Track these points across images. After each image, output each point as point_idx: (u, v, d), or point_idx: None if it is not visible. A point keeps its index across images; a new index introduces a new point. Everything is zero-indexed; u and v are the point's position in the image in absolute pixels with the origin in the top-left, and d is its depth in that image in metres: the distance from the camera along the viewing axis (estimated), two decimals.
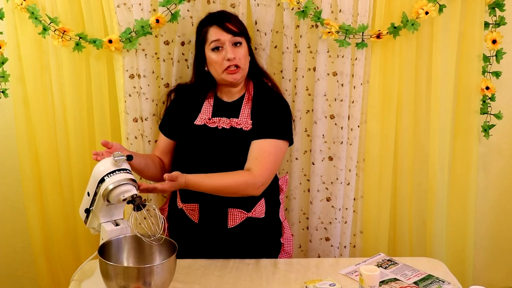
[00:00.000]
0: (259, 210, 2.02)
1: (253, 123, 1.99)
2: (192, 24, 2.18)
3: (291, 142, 2.04)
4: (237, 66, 1.97)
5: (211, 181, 1.87)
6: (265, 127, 1.97)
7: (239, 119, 2.00)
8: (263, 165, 1.90)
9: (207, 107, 2.04)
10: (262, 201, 2.02)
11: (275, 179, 2.09)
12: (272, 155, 1.93)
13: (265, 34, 2.19)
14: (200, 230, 2.01)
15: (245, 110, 2.02)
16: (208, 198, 1.96)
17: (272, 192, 2.08)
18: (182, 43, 2.21)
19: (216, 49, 1.97)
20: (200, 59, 2.05)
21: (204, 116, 2.03)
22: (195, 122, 2.02)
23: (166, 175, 1.76)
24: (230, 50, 1.95)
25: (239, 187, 1.89)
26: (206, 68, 2.04)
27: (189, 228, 2.03)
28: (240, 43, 1.98)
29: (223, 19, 1.99)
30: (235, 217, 1.99)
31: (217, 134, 2.00)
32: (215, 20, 1.99)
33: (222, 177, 1.89)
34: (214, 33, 1.97)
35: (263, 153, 1.92)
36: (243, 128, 1.99)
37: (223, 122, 2.01)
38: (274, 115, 2.00)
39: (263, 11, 2.17)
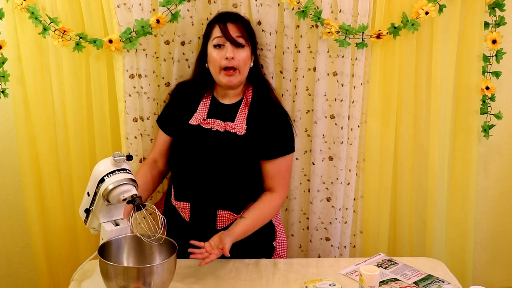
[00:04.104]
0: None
1: (247, 128, 1.99)
2: (193, 24, 2.18)
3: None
4: (235, 69, 1.96)
5: (253, 221, 1.96)
6: (274, 146, 2.01)
7: (234, 123, 2.00)
8: (281, 183, 2.03)
9: (203, 108, 2.05)
10: (250, 205, 2.02)
11: (254, 176, 2.07)
12: (287, 171, 2.07)
13: (270, 34, 2.19)
14: (191, 229, 2.01)
15: (241, 115, 2.02)
16: (199, 197, 1.98)
17: (257, 193, 2.05)
18: (182, 43, 2.21)
19: (217, 46, 1.97)
20: (203, 55, 2.05)
21: (199, 116, 2.03)
22: (190, 122, 2.03)
23: (221, 251, 1.83)
24: (231, 49, 1.95)
25: (273, 213, 2.04)
26: (206, 65, 2.03)
27: (181, 226, 2.03)
28: (243, 46, 1.97)
29: (229, 19, 1.99)
30: (224, 218, 1.99)
31: (210, 135, 2.00)
32: (222, 19, 2.00)
33: (259, 212, 1.98)
34: (218, 31, 1.97)
35: (278, 172, 2.02)
36: (237, 132, 1.99)
37: (218, 125, 2.01)
38: (279, 131, 2.03)
39: (266, 11, 2.16)
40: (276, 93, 2.16)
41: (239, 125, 2.00)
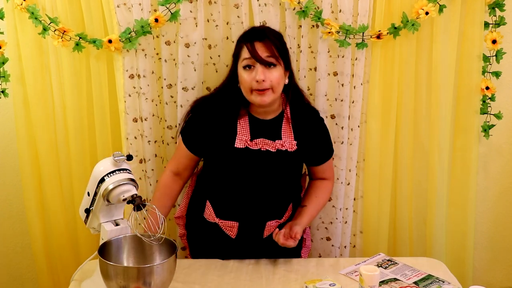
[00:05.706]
0: (287, 215, 2.06)
1: (298, 143, 1.98)
2: (196, 25, 2.16)
3: None
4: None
5: (315, 208, 2.08)
6: (323, 152, 2.11)
7: (283, 140, 1.97)
8: (331, 172, 2.18)
9: (243, 128, 1.96)
10: (290, 206, 2.07)
11: (299, 180, 2.15)
12: (332, 164, 2.21)
13: None
14: (237, 244, 2.04)
15: (287, 131, 1.98)
16: (247, 215, 2.00)
17: (298, 194, 2.15)
18: (187, 45, 2.18)
19: (247, 67, 1.88)
20: (234, 74, 1.96)
21: (244, 138, 1.95)
22: (236, 145, 1.94)
23: (288, 237, 1.92)
24: (261, 71, 1.84)
25: (328, 198, 2.19)
26: (238, 85, 1.94)
27: (225, 243, 2.04)
28: (274, 65, 1.87)
29: (257, 38, 1.88)
30: (271, 227, 2.02)
31: (261, 156, 1.96)
32: (250, 37, 1.90)
33: (318, 199, 2.09)
34: (246, 51, 1.87)
35: (328, 166, 2.14)
36: (288, 149, 1.97)
37: (267, 145, 1.95)
38: (324, 137, 2.09)
39: (268, 10, 2.15)
40: (307, 96, 2.16)
41: (288, 142, 1.97)
